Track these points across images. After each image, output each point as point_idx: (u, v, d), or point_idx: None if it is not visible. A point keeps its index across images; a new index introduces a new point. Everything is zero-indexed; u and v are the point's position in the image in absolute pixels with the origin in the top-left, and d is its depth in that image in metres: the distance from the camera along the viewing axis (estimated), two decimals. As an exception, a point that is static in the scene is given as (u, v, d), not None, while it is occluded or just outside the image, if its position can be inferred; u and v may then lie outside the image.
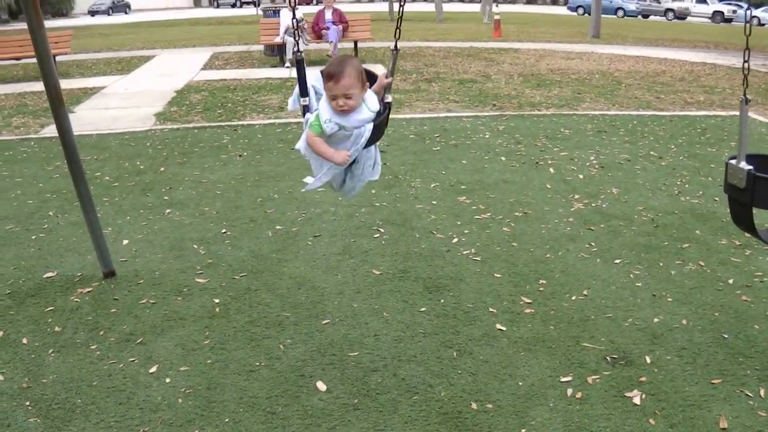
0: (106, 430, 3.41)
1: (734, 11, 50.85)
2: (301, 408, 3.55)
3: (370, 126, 3.38)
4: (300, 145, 3.55)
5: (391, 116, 3.51)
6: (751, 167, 3.40)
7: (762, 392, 3.64)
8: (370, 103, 3.40)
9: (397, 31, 3.46)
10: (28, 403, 3.63)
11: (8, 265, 5.36)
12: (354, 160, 3.47)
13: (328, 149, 3.37)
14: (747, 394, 3.63)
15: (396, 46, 3.48)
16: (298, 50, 3.45)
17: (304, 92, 3.43)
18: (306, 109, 3.45)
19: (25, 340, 4.26)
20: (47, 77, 4.56)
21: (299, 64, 3.45)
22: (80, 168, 4.90)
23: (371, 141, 3.43)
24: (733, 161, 3.50)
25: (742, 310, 4.53)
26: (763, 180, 3.36)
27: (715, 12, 52.70)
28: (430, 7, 47.89)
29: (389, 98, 3.51)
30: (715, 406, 3.54)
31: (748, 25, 3.36)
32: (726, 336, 4.20)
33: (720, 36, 29.92)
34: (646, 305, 4.60)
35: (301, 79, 3.43)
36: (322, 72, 3.35)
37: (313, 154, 3.48)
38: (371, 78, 3.48)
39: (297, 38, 3.81)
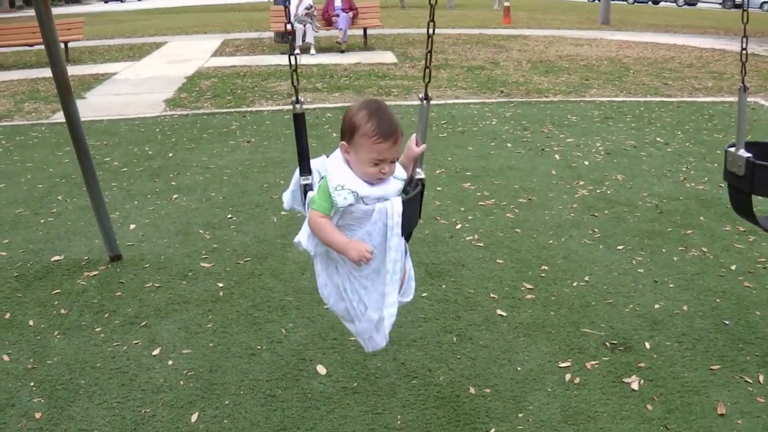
0: (109, 410, 3.46)
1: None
2: (301, 391, 3.59)
3: (398, 200, 2.54)
4: (301, 236, 2.74)
5: (397, 102, 2.98)
6: (750, 155, 3.41)
7: (761, 378, 3.65)
8: (396, 169, 2.62)
9: (427, 72, 2.64)
10: (32, 384, 3.68)
11: (17, 248, 5.43)
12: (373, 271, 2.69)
13: (339, 237, 2.53)
14: (746, 380, 3.63)
15: (426, 95, 2.64)
16: (298, 100, 2.64)
17: (305, 169, 2.68)
18: (308, 188, 2.66)
19: (31, 322, 4.32)
20: (55, 65, 4.66)
21: (299, 122, 2.64)
22: (87, 154, 4.97)
23: (404, 227, 2.58)
24: (732, 149, 3.51)
25: (743, 296, 4.53)
26: (762, 167, 3.37)
27: (725, -2, 52.33)
28: (442, -7, 47.75)
29: (422, 173, 2.69)
30: (714, 392, 3.54)
31: (745, 12, 3.39)
32: (727, 322, 4.21)
33: (730, 22, 29.60)
34: (647, 291, 4.61)
35: (303, 148, 2.66)
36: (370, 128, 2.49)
37: (320, 247, 2.67)
38: None
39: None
